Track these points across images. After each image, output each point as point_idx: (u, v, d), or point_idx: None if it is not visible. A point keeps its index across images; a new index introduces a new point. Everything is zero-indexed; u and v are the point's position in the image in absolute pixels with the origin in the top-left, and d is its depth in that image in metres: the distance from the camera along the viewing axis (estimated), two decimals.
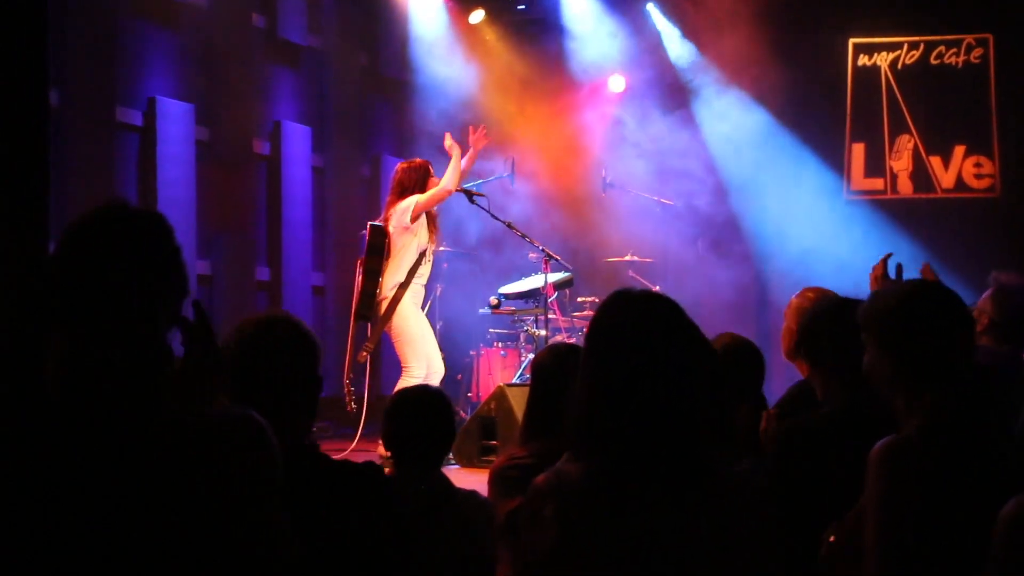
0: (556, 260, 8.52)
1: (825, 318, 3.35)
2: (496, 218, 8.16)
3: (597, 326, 2.41)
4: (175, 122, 9.11)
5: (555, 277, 9.03)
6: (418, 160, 8.00)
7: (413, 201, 7.70)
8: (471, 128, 8.27)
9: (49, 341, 1.94)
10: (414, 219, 7.67)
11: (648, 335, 2.33)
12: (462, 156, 7.93)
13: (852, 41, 11.51)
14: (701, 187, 11.35)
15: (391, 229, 7.77)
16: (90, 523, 1.84)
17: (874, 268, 3.90)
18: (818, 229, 10.90)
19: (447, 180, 7.78)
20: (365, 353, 7.89)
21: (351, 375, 8.01)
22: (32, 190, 1.94)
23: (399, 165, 8.04)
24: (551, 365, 3.65)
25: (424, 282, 7.95)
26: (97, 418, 1.89)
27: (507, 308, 9.71)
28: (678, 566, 2.21)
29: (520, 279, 9.86)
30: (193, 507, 1.88)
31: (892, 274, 3.81)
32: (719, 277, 10.75)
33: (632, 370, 2.30)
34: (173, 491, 1.88)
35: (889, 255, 3.91)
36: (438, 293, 9.96)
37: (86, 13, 8.34)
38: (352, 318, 7.99)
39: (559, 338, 9.32)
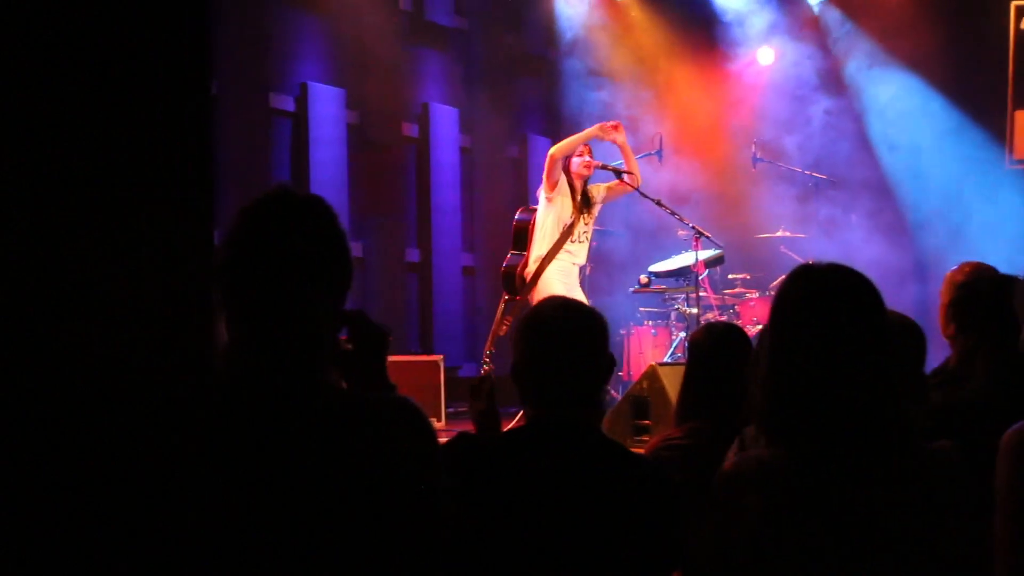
0: (706, 237, 8.40)
1: (977, 291, 3.24)
2: (645, 195, 8.08)
3: (783, 303, 2.28)
4: (326, 106, 9.30)
5: (706, 254, 8.91)
6: None
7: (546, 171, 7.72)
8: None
9: (217, 327, 1.98)
10: (551, 184, 7.63)
11: (839, 310, 2.20)
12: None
13: (1014, 3, 11.11)
14: (855, 159, 11.10)
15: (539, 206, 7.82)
16: (257, 504, 1.87)
17: None
18: (978, 200, 10.56)
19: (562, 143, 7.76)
20: (506, 327, 7.90)
21: (492, 349, 8.02)
22: (199, 180, 1.98)
23: None
24: (708, 344, 3.61)
25: (577, 261, 7.87)
26: (266, 402, 1.92)
27: (657, 286, 9.65)
28: (887, 548, 2.11)
29: (670, 257, 9.78)
30: (357, 486, 1.90)
31: None
32: (874, 251, 10.48)
33: (824, 349, 2.18)
34: (338, 471, 1.90)
35: None
36: (587, 272, 9.94)
37: (239, 3, 8.58)
38: (503, 295, 8.04)
39: (710, 316, 9.23)
